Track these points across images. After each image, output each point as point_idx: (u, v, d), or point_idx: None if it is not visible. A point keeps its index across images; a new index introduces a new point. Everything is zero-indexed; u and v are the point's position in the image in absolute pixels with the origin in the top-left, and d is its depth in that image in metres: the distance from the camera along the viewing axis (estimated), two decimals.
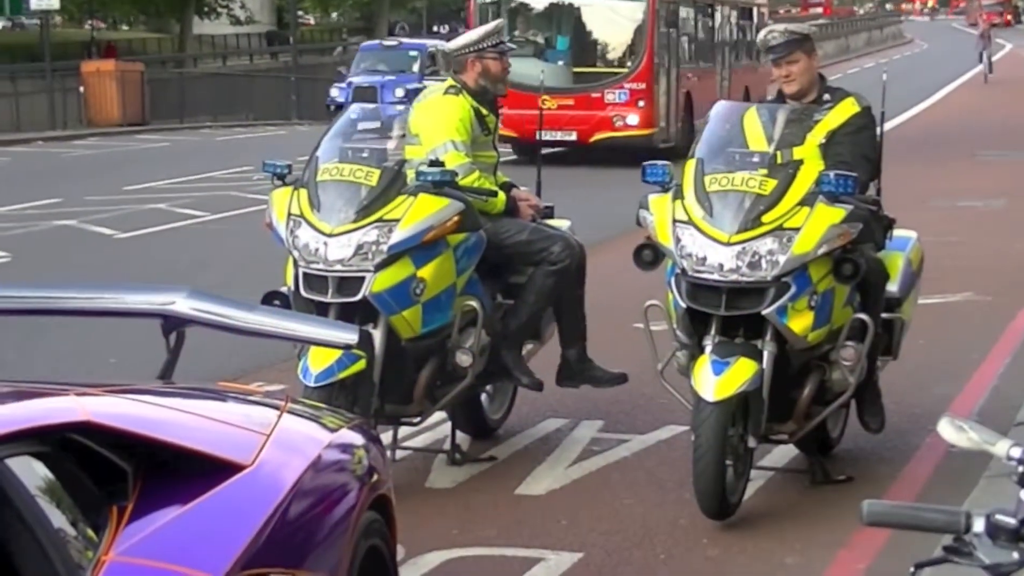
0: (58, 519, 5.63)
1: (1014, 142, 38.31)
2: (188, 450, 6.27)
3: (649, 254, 10.93)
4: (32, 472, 5.65)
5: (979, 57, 68.14)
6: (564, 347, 12.33)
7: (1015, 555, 4.56)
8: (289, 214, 11.32)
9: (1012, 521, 4.56)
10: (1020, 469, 4.72)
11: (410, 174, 11.41)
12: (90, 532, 5.71)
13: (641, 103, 39.57)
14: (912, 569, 5.20)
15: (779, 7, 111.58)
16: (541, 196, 12.68)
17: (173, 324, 7.55)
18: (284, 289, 11.19)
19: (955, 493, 9.82)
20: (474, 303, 11.62)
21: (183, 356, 7.55)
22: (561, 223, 12.55)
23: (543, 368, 12.42)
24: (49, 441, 5.79)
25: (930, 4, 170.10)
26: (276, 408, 7.18)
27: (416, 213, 11.20)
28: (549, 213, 12.55)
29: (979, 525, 4.59)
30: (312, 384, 10.50)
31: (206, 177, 31.98)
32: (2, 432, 5.55)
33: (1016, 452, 4.72)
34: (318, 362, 10.67)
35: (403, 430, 11.83)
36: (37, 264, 20.74)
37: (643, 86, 39.78)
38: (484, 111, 12.08)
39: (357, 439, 7.34)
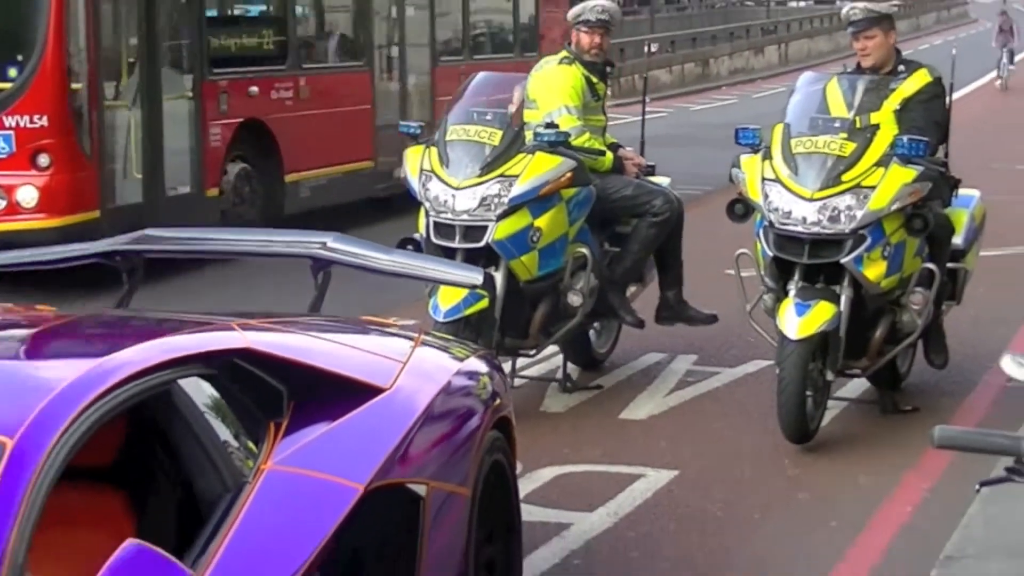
0: (223, 433, 5.71)
1: None
2: (334, 375, 6.33)
3: (740, 208, 10.92)
4: (200, 391, 5.74)
5: (998, 62, 43.30)
6: (663, 289, 12.35)
7: None
8: (421, 170, 11.38)
9: None
10: None
11: (528, 135, 11.43)
12: (251, 445, 5.78)
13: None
14: (977, 487, 5.25)
15: None
16: (644, 155, 12.67)
17: (321, 264, 7.64)
18: (416, 236, 11.24)
19: (1011, 423, 9.78)
20: (584, 250, 11.67)
21: (328, 293, 7.65)
22: (662, 180, 12.55)
23: (644, 308, 12.47)
24: (215, 365, 5.87)
25: None
26: (411, 339, 7.24)
27: (533, 169, 11.23)
28: (651, 171, 12.55)
29: None
30: (441, 320, 10.55)
31: None
32: (174, 356, 5.64)
33: None
34: (447, 300, 10.72)
35: (520, 361, 11.89)
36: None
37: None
38: (594, 79, 12.12)
39: (482, 367, 7.40)
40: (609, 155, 12.05)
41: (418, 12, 23.39)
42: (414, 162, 11.45)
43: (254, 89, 19.23)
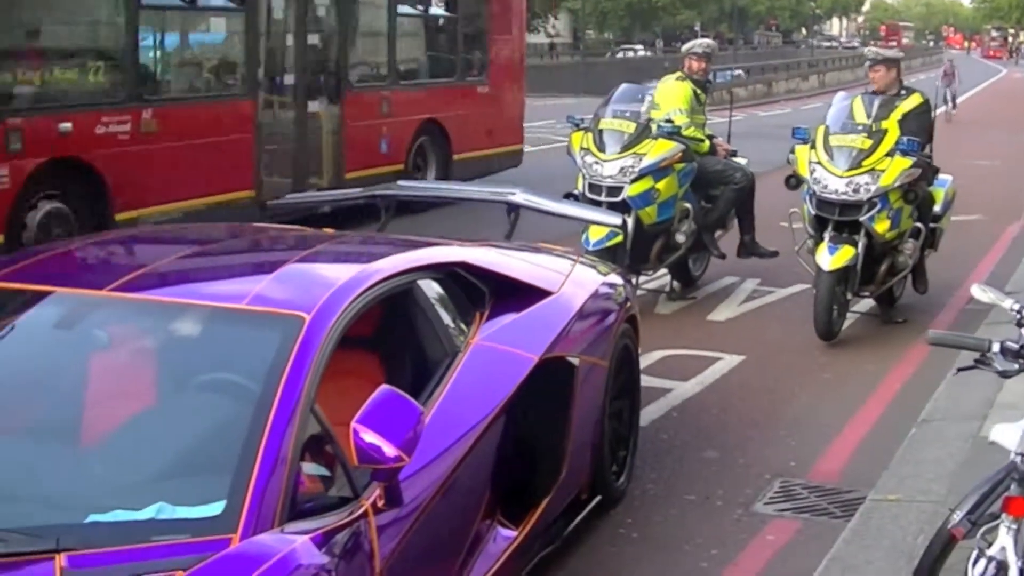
0: (445, 317, 5.68)
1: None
2: (520, 281, 6.29)
3: (794, 181, 10.84)
4: (432, 289, 5.71)
5: (944, 97, 36.73)
6: (742, 234, 12.23)
7: (1015, 365, 4.55)
8: (581, 147, 11.37)
9: (1015, 345, 4.54)
10: (1018, 316, 4.70)
11: (653, 127, 11.34)
12: (463, 326, 5.75)
13: None
14: (955, 371, 5.21)
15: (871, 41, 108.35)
16: (730, 143, 12.53)
17: (512, 208, 7.60)
18: (575, 192, 11.20)
19: (971, 330, 9.60)
20: (688, 205, 11.62)
21: (518, 228, 7.63)
22: (741, 160, 12.42)
23: (726, 245, 12.34)
24: (442, 271, 5.83)
25: (966, 44, 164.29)
26: (572, 260, 7.18)
27: (656, 150, 11.17)
28: (734, 154, 12.41)
29: (996, 347, 4.56)
30: (590, 248, 10.49)
31: (529, 126, 31.84)
32: (415, 265, 5.62)
33: (1016, 305, 4.72)
34: (595, 235, 10.70)
35: (642, 278, 11.82)
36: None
37: None
38: (699, 91, 12.03)
39: (618, 280, 7.33)
40: (707, 142, 11.94)
41: (325, 37, 16.08)
42: (576, 142, 11.46)
43: (66, 125, 11.86)
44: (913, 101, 10.97)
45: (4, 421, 4.70)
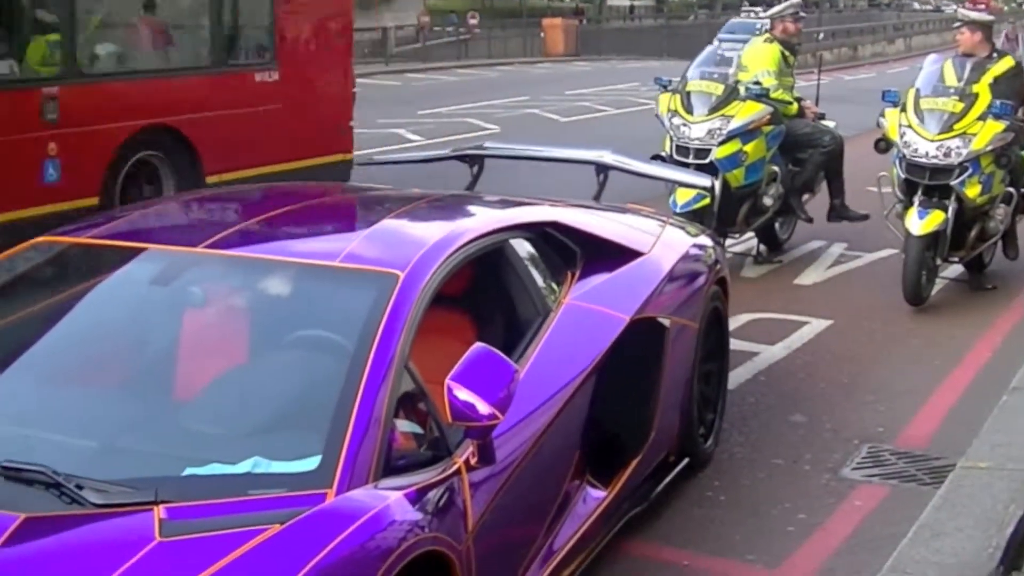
0: (537, 277, 5.65)
1: None
2: (611, 242, 6.25)
3: (883, 144, 10.72)
4: (524, 248, 5.69)
5: None
6: (831, 198, 12.08)
7: None
8: (669, 109, 11.29)
9: None
10: None
11: (741, 89, 11.24)
12: (554, 286, 5.72)
13: None
14: None
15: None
16: (818, 106, 12.39)
17: (601, 168, 7.57)
18: (663, 153, 11.13)
19: None
20: (776, 168, 11.51)
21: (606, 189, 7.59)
22: (829, 123, 12.24)
23: (813, 209, 12.20)
24: (534, 231, 5.81)
25: None
26: (662, 221, 7.13)
27: (744, 112, 11.08)
28: (822, 116, 12.25)
29: None
30: (678, 211, 10.43)
31: (612, 88, 31.74)
32: (507, 224, 5.61)
33: None
34: (682, 197, 10.64)
35: (728, 241, 11.68)
36: (515, 133, 20.84)
37: None
38: (787, 53, 11.86)
39: (708, 242, 7.26)
40: (795, 104, 11.77)
41: None
42: (664, 104, 11.39)
43: (157, 89, 11.49)
44: (1004, 64, 10.80)
45: (102, 376, 4.75)
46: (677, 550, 6.02)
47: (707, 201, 10.57)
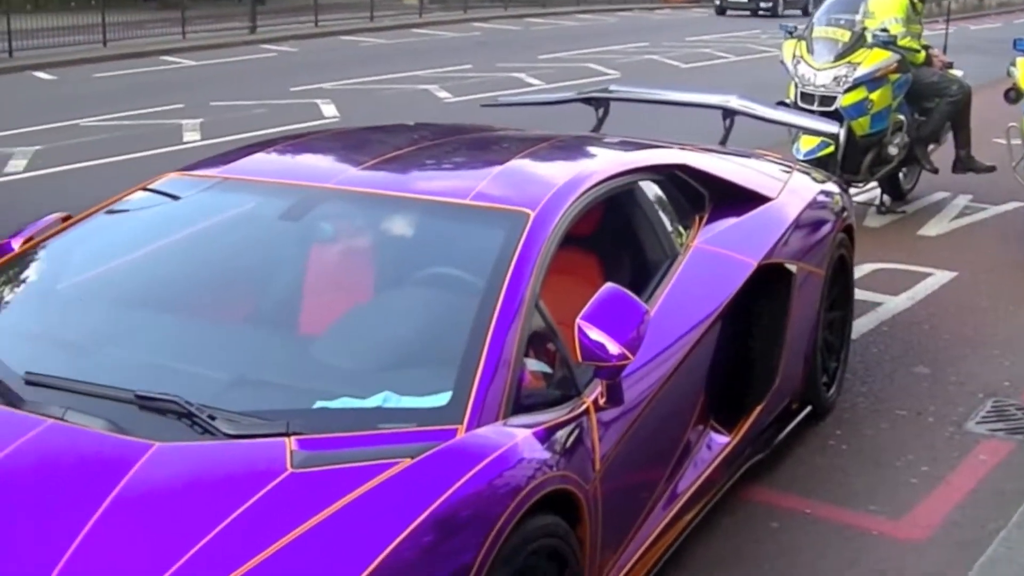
0: (665, 219, 5.60)
1: None
2: (740, 186, 6.17)
3: (1013, 94, 10.52)
4: (652, 190, 5.63)
5: None
6: (957, 148, 11.83)
7: None
8: (794, 55, 11.12)
9: None
10: None
11: (868, 36, 11.04)
12: (682, 229, 5.66)
13: None
14: None
15: None
16: (946, 54, 12.14)
17: (728, 113, 7.48)
18: (787, 101, 10.97)
19: None
20: (902, 117, 11.30)
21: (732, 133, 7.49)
22: (957, 72, 11.99)
23: (938, 159, 11.97)
24: (663, 173, 5.75)
25: None
26: (789, 167, 7.03)
27: (871, 60, 10.88)
28: (950, 65, 12.01)
29: None
30: (801, 158, 10.29)
31: (733, 35, 31.42)
32: (636, 166, 5.55)
33: None
34: (806, 145, 10.49)
35: (852, 190, 11.51)
36: (636, 76, 20.68)
37: None
38: (916, 1, 11.62)
39: (835, 189, 7.14)
40: (923, 53, 11.52)
41: None
42: (789, 50, 11.22)
43: None
44: None
45: (232, 309, 4.78)
46: (798, 498, 5.96)
47: (831, 149, 10.41)
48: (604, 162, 5.46)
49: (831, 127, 8.22)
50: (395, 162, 5.21)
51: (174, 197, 5.11)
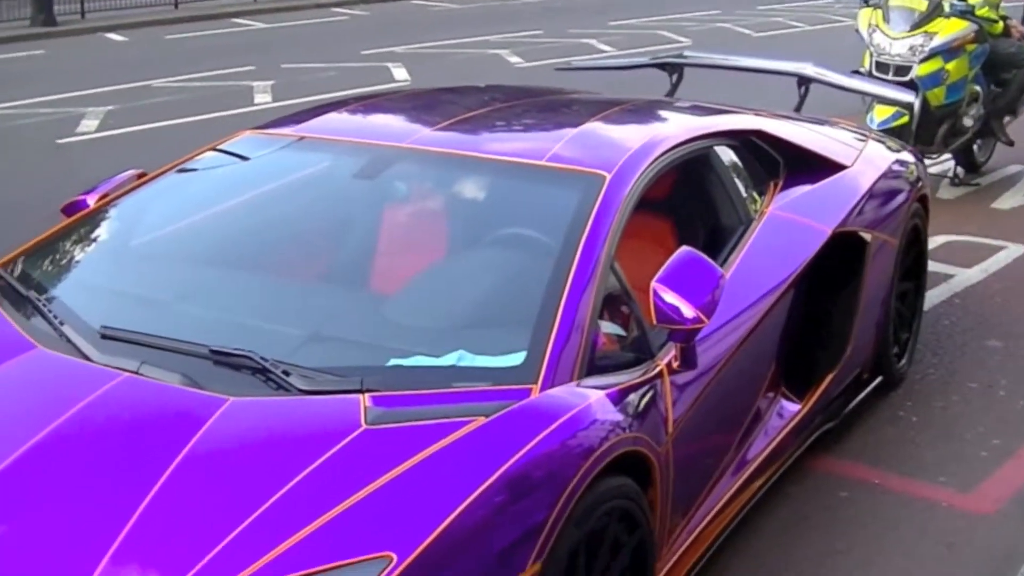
0: (740, 185, 5.56)
1: None
2: (815, 153, 6.12)
3: None
4: (727, 156, 5.59)
5: None
6: None
7: None
8: (870, 24, 10.99)
9: None
10: None
11: (945, 6, 10.90)
12: (756, 195, 5.62)
13: None
14: None
15: None
16: None
17: (803, 81, 7.41)
18: (861, 69, 10.85)
19: None
20: (978, 88, 11.13)
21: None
22: None
23: (1014, 132, 11.82)
24: (738, 139, 5.70)
25: None
26: (864, 136, 6.96)
27: (947, 30, 10.71)
28: None
29: None
30: (876, 128, 10.18)
31: (806, 4, 31.08)
32: (714, 131, 5.51)
33: None
34: (881, 115, 10.35)
35: (925, 161, 11.42)
36: (707, 44, 20.50)
37: None
38: None
39: (910, 159, 7.07)
40: (1000, 23, 11.35)
41: None
42: (865, 19, 11.07)
43: None
44: None
45: (305, 267, 4.79)
46: (868, 468, 5.93)
47: (905, 119, 10.29)
48: (679, 126, 5.42)
49: (907, 96, 8.14)
50: (469, 123, 5.20)
51: (246, 157, 5.12)
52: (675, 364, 4.25)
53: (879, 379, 6.53)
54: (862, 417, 6.36)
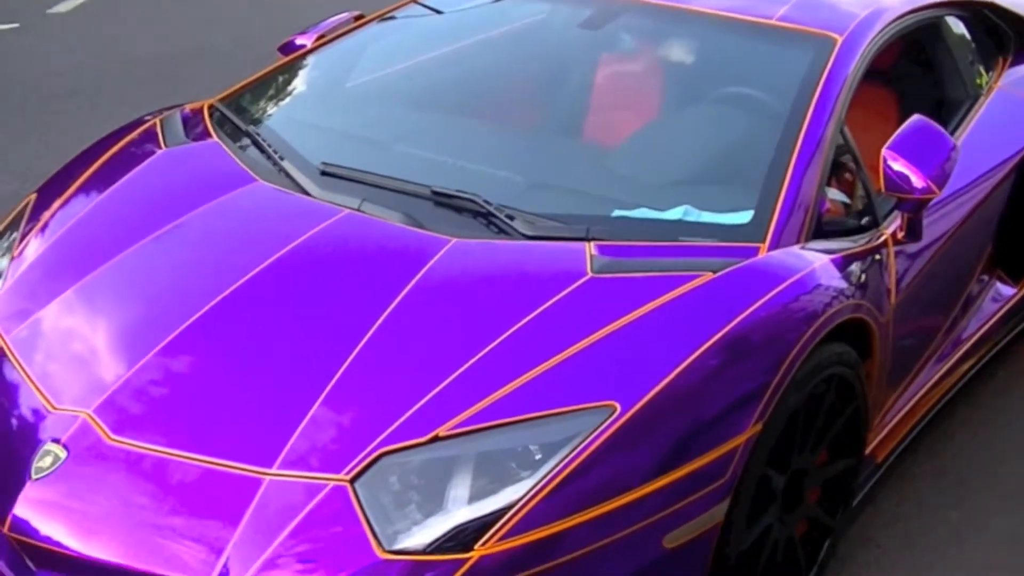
0: (968, 58, 5.33)
1: None
2: None
3: None
4: (957, 27, 5.39)
5: None
6: None
7: None
8: None
9: None
10: None
11: None
12: (983, 71, 5.41)
13: None
14: None
15: None
16: None
17: None
18: None
19: None
20: None
21: None
22: None
23: None
24: (969, 10, 5.48)
25: None
26: None
27: None
28: None
29: None
30: None
31: None
32: (944, 1, 5.29)
33: None
34: None
35: None
36: None
37: None
38: None
39: None
40: None
41: None
42: None
43: None
44: None
45: (527, 114, 4.75)
46: None
47: None
48: None
49: None
50: None
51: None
52: (900, 235, 4.16)
53: None
54: None
